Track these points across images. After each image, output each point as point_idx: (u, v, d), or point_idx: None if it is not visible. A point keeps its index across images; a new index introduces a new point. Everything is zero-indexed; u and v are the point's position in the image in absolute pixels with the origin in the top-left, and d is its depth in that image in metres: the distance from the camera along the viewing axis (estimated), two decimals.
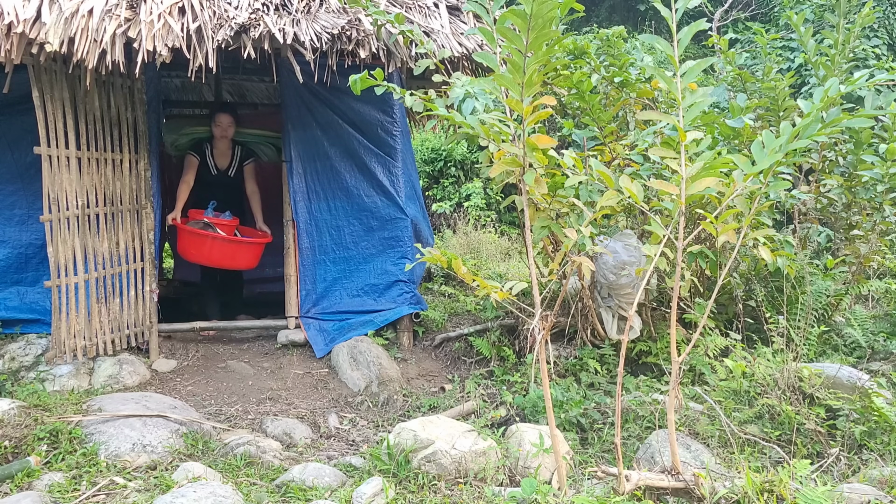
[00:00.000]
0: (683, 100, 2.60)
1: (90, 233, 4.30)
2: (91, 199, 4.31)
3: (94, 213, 4.33)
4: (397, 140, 5.02)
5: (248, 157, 5.37)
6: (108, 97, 4.38)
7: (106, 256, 4.41)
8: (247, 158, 5.35)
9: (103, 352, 4.39)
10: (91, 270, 4.32)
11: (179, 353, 4.78)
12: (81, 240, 4.24)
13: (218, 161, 5.25)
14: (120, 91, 4.45)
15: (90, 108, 4.26)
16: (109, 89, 4.39)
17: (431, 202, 10.06)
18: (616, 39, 4.35)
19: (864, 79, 2.83)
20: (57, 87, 4.05)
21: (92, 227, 4.32)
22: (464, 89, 3.17)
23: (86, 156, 4.25)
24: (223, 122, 5.18)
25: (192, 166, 5.13)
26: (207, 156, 5.22)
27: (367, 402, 4.26)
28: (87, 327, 4.30)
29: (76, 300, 4.23)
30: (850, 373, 3.44)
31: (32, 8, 3.72)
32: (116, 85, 4.43)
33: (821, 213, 4.77)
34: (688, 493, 2.58)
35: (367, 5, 4.15)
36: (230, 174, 5.28)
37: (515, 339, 4.80)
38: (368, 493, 2.71)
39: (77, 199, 4.20)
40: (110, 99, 4.40)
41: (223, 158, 5.27)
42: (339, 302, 5.06)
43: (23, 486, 2.85)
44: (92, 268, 4.32)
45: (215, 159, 5.25)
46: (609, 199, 2.68)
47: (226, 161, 5.27)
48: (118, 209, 4.49)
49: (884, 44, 9.16)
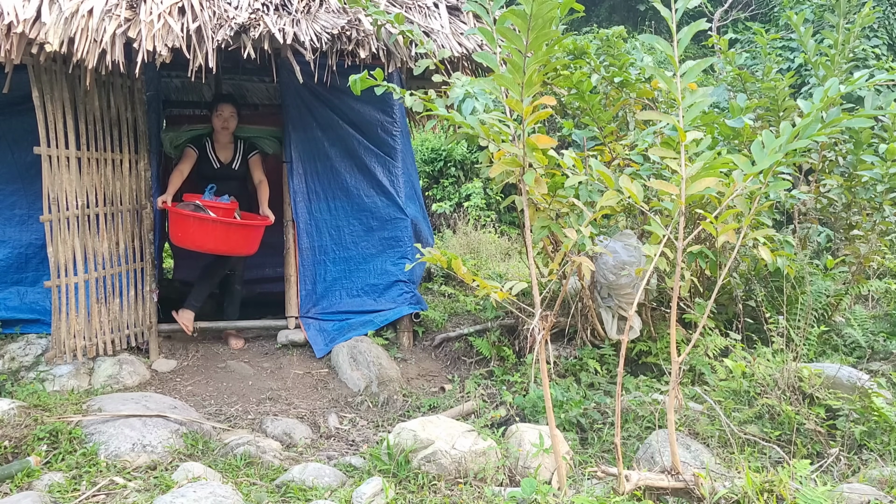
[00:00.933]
0: (683, 100, 2.60)
1: (90, 233, 4.30)
2: (91, 199, 4.30)
3: (94, 213, 4.33)
4: (397, 140, 5.02)
5: (252, 150, 5.27)
6: (108, 97, 4.38)
7: (106, 256, 4.41)
8: (251, 151, 5.25)
9: (103, 352, 4.39)
10: (91, 270, 4.32)
11: (179, 353, 4.78)
12: (81, 240, 4.24)
13: (220, 154, 5.12)
14: (120, 91, 4.45)
15: (90, 108, 4.26)
16: (109, 89, 4.39)
17: (431, 202, 10.06)
18: (616, 39, 4.35)
19: (864, 79, 2.83)
20: (57, 87, 4.05)
21: (92, 227, 4.32)
22: (464, 89, 3.17)
23: (86, 156, 4.25)
24: (225, 111, 5.05)
25: (189, 157, 5.02)
26: (208, 150, 5.08)
27: (367, 402, 4.26)
28: (86, 327, 4.30)
29: (76, 300, 4.23)
30: (850, 373, 3.44)
31: (32, 8, 3.72)
32: (116, 85, 4.43)
33: (821, 213, 4.77)
34: (688, 493, 2.58)
35: (367, 5, 4.15)
36: (234, 167, 5.19)
37: (515, 339, 4.80)
38: (368, 493, 2.71)
39: (77, 199, 4.20)
40: (110, 99, 4.40)
41: (225, 152, 5.15)
42: (339, 302, 5.05)
43: (23, 486, 2.85)
44: (92, 268, 4.32)
45: (217, 153, 5.11)
46: (609, 199, 2.68)
47: (229, 155, 5.15)
48: (118, 209, 4.49)
49: (884, 44, 9.16)
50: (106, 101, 4.37)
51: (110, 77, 4.29)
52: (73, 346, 4.22)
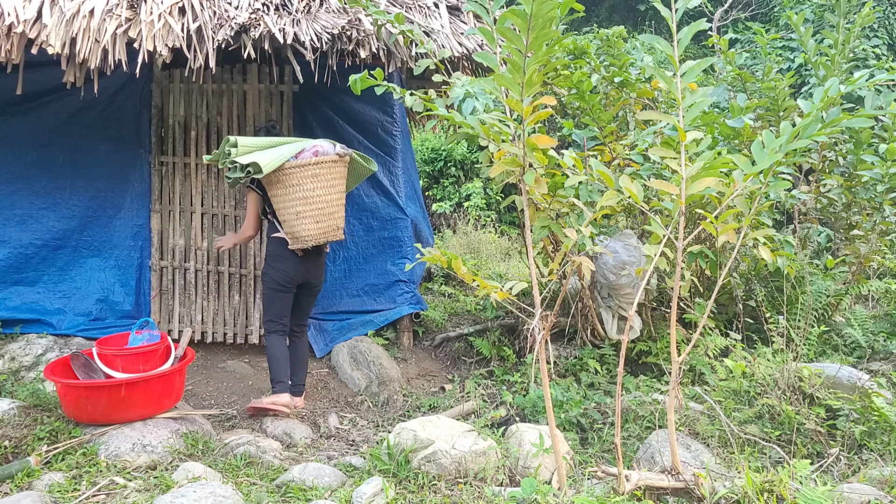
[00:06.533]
0: (683, 100, 2.60)
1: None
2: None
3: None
4: (397, 140, 5.02)
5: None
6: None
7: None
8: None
9: None
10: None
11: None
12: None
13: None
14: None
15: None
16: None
17: (431, 202, 10.06)
18: (616, 39, 4.35)
19: (864, 79, 2.82)
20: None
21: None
22: (464, 89, 3.17)
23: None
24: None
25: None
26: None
27: (367, 401, 4.26)
28: None
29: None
30: (850, 373, 3.44)
31: (33, 9, 3.72)
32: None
33: (821, 213, 4.77)
34: (688, 493, 2.58)
35: (367, 5, 4.15)
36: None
37: (515, 339, 4.80)
38: (368, 493, 2.71)
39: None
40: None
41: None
42: (339, 302, 5.05)
43: (23, 486, 2.85)
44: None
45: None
46: (609, 199, 2.68)
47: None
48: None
49: (884, 44, 9.17)
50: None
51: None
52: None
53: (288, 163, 3.67)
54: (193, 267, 4.85)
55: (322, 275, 4.09)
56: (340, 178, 3.84)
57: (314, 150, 3.75)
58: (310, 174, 3.70)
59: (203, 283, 4.87)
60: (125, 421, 3.33)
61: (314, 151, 3.74)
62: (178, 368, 3.58)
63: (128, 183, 4.83)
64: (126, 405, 3.32)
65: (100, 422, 3.32)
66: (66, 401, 3.36)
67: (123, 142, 4.80)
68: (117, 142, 4.79)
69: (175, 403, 3.60)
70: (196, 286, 4.87)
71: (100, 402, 3.29)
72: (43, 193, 4.69)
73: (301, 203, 3.71)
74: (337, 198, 3.81)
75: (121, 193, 4.83)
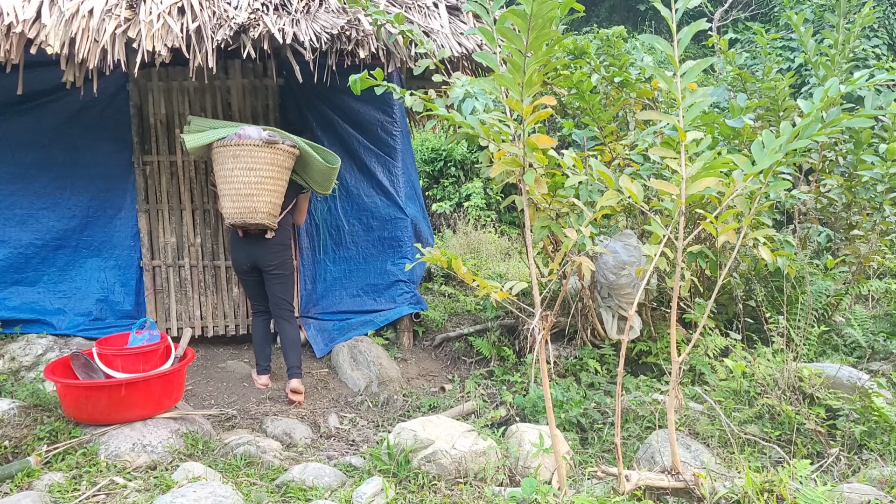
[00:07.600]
0: (683, 100, 2.60)
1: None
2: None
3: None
4: (397, 140, 5.02)
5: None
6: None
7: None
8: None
9: None
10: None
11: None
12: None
13: None
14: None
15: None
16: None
17: (431, 202, 10.06)
18: (616, 39, 4.35)
19: (864, 79, 2.82)
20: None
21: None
22: (464, 89, 3.16)
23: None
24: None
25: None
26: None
27: (367, 401, 4.26)
28: None
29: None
30: (850, 373, 3.44)
31: (32, 9, 3.72)
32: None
33: (821, 213, 4.77)
34: (688, 493, 2.58)
35: (366, 5, 4.15)
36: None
37: (515, 339, 4.80)
38: (368, 493, 2.71)
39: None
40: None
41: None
42: (339, 302, 5.06)
43: (23, 486, 2.85)
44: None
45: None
46: (609, 199, 2.68)
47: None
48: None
49: (884, 44, 9.17)
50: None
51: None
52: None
53: (216, 143, 3.97)
54: (188, 264, 4.84)
55: (274, 259, 4.22)
56: (268, 164, 3.96)
57: (239, 132, 3.99)
58: (230, 154, 3.94)
59: (199, 279, 4.88)
60: (125, 421, 3.33)
61: (238, 134, 3.98)
62: (177, 368, 3.59)
63: (128, 183, 4.83)
64: (126, 405, 3.33)
65: (100, 422, 3.32)
66: (66, 401, 3.37)
67: (123, 142, 4.79)
68: (117, 142, 4.78)
69: (175, 403, 3.60)
70: (192, 283, 4.87)
71: (100, 402, 3.29)
72: (43, 193, 4.69)
73: (222, 181, 4.00)
74: (258, 181, 3.95)
75: (121, 193, 4.82)
